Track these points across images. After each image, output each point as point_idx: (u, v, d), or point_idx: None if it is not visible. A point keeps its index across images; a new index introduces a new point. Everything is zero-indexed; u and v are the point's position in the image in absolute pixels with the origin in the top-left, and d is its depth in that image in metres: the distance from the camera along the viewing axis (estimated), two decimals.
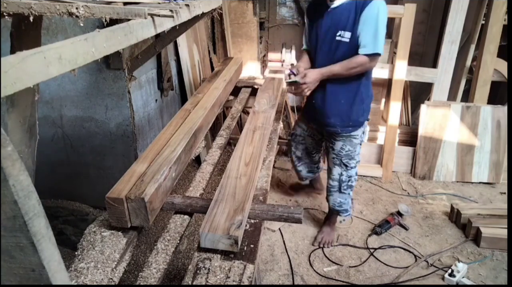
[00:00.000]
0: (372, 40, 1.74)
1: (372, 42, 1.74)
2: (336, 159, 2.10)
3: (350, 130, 2.01)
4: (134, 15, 0.94)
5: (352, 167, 2.11)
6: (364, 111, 2.01)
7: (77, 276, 0.98)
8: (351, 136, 2.03)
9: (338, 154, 2.08)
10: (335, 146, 2.08)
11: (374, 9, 1.71)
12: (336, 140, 2.06)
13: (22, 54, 0.59)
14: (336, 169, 2.13)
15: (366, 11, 1.72)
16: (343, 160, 2.08)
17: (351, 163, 2.10)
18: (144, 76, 2.30)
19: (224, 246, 1.09)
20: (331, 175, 2.17)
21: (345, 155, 2.07)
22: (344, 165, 2.10)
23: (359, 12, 1.73)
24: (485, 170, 3.09)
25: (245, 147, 1.62)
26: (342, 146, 2.05)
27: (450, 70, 3.11)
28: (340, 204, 2.22)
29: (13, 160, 0.58)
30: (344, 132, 2.02)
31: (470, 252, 2.33)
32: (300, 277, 2.13)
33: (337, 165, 2.11)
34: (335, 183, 2.16)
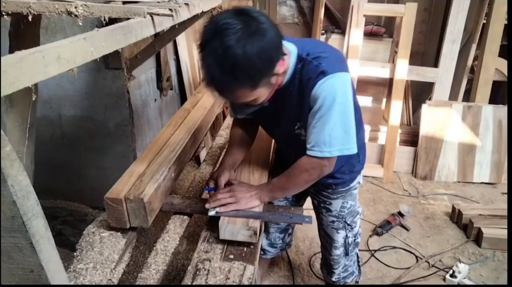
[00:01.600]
0: (329, 139, 1.10)
1: (330, 141, 1.10)
2: (338, 223, 1.51)
3: (348, 183, 1.44)
4: (133, 14, 0.94)
5: (356, 224, 1.55)
6: (359, 159, 1.44)
7: (76, 277, 0.97)
8: (351, 188, 1.46)
9: (340, 216, 1.49)
10: (332, 207, 1.48)
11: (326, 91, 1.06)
12: (332, 199, 1.47)
13: (20, 53, 0.58)
14: (340, 234, 1.53)
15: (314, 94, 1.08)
16: (348, 221, 1.50)
17: (355, 221, 1.53)
18: (143, 75, 2.30)
19: (244, 237, 1.11)
20: (334, 244, 1.56)
21: (349, 213, 1.49)
22: (349, 226, 1.52)
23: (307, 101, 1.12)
24: (486, 170, 3.09)
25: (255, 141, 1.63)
26: (343, 204, 1.47)
27: (452, 70, 3.11)
28: (345, 268, 1.65)
29: (12, 160, 0.57)
30: (341, 187, 1.44)
31: (472, 252, 2.33)
32: (301, 278, 2.13)
33: (340, 229, 1.52)
34: (340, 250, 1.58)
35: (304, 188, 1.25)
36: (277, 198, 1.31)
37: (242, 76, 0.93)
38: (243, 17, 0.92)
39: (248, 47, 0.89)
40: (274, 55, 0.96)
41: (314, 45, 1.15)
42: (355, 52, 3.07)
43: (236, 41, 0.89)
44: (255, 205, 1.22)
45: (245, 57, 0.90)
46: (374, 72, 3.14)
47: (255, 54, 0.91)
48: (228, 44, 0.89)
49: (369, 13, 3.09)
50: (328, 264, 1.67)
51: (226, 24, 0.89)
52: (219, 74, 0.93)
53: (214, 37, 0.91)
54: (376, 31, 3.41)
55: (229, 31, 0.89)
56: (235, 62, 0.90)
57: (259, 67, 0.94)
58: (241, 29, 0.90)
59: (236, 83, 0.95)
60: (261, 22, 0.93)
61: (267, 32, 0.93)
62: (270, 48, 0.94)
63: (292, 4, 4.04)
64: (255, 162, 1.51)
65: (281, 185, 1.24)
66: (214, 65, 0.92)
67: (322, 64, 1.07)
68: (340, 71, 1.07)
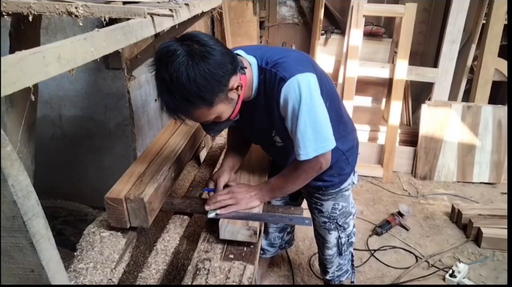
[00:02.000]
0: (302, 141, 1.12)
1: (304, 143, 1.13)
2: (329, 223, 1.53)
3: (337, 185, 1.44)
4: (134, 15, 0.94)
5: (349, 225, 1.57)
6: (348, 162, 1.43)
7: (76, 276, 0.97)
8: (342, 189, 1.46)
9: (331, 217, 1.51)
10: (323, 208, 1.50)
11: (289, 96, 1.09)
12: (323, 200, 1.48)
13: (21, 53, 0.58)
14: (332, 234, 1.56)
15: (281, 102, 1.11)
16: (339, 222, 1.53)
17: (348, 221, 1.55)
18: (143, 75, 2.29)
19: (243, 237, 1.12)
20: (326, 244, 1.59)
21: (340, 214, 1.51)
22: (341, 227, 1.55)
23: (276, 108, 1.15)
24: (486, 170, 3.09)
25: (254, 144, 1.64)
26: (334, 205, 1.48)
27: (451, 70, 3.11)
28: (340, 267, 1.69)
29: (12, 160, 0.57)
30: (332, 189, 1.45)
31: (471, 252, 2.33)
32: (301, 278, 2.13)
33: (332, 230, 1.55)
34: (333, 250, 1.62)
35: (303, 185, 1.27)
36: (277, 197, 1.33)
37: (192, 98, 0.97)
38: (186, 43, 0.97)
39: (190, 70, 0.94)
40: (221, 72, 0.99)
41: (273, 53, 1.17)
42: (354, 52, 3.07)
43: (180, 67, 0.94)
44: (255, 206, 1.23)
45: (190, 80, 0.94)
46: (373, 72, 3.15)
47: (199, 76, 0.95)
48: (172, 71, 0.94)
49: (369, 14, 3.09)
50: (322, 263, 1.71)
51: (169, 53, 0.95)
52: (171, 100, 0.99)
53: (160, 67, 0.97)
54: (376, 31, 3.42)
55: (173, 58, 0.94)
56: (182, 86, 0.95)
57: (206, 87, 0.97)
58: (184, 55, 0.95)
59: (190, 105, 1.00)
60: (203, 45, 0.98)
61: (211, 53, 0.97)
62: (214, 68, 0.97)
63: (292, 4, 4.04)
64: (255, 162, 1.51)
65: (280, 185, 1.26)
66: (165, 92, 0.98)
67: (279, 71, 1.10)
68: (300, 73, 1.09)
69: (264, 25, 4.00)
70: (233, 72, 1.04)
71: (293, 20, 4.07)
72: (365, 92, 3.39)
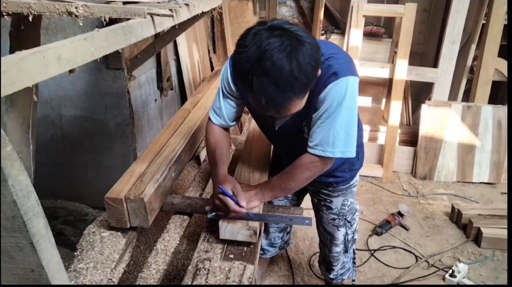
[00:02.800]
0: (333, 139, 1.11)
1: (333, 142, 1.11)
2: (338, 220, 1.53)
3: (348, 180, 1.46)
4: (134, 15, 0.94)
5: (356, 220, 1.58)
6: (358, 157, 1.43)
7: (76, 276, 0.97)
8: (351, 185, 1.49)
9: (341, 213, 1.51)
10: (333, 205, 1.50)
11: (336, 93, 1.07)
12: (333, 197, 1.49)
13: (21, 53, 0.58)
14: (340, 231, 1.56)
15: (324, 95, 1.08)
16: (348, 218, 1.53)
17: (355, 217, 1.57)
18: (143, 75, 2.30)
19: (243, 237, 1.11)
20: (334, 241, 1.59)
21: (349, 210, 1.52)
22: (349, 223, 1.55)
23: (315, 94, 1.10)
24: (486, 170, 3.09)
25: (254, 142, 1.64)
26: (344, 201, 1.49)
27: (451, 70, 3.11)
28: (343, 265, 1.68)
29: (12, 160, 0.57)
30: (342, 185, 1.46)
31: (471, 252, 2.33)
32: (301, 278, 2.13)
33: (341, 226, 1.54)
34: (340, 247, 1.61)
35: (304, 185, 1.25)
36: (278, 197, 1.30)
37: (299, 88, 0.94)
38: (278, 32, 0.91)
39: (300, 58, 0.89)
40: (319, 57, 0.97)
41: (326, 46, 1.15)
42: (354, 52, 3.07)
43: (287, 57, 0.88)
44: (255, 206, 1.21)
45: (300, 69, 0.90)
46: (373, 72, 3.15)
47: (306, 63, 0.91)
48: (281, 63, 0.88)
49: (369, 14, 3.09)
50: (327, 261, 1.68)
51: (269, 45, 0.89)
52: (277, 94, 0.92)
53: (261, 60, 0.89)
54: (376, 31, 3.42)
55: (275, 50, 0.88)
56: (292, 77, 0.90)
57: (311, 74, 0.94)
58: (284, 44, 0.89)
59: (293, 97, 0.95)
60: (295, 31, 0.93)
61: (305, 38, 0.93)
62: (315, 52, 0.94)
63: (292, 4, 4.04)
64: (255, 162, 1.51)
65: (282, 184, 1.23)
66: (271, 86, 0.91)
67: (334, 65, 1.07)
68: (351, 75, 1.08)
69: None
70: None
71: (293, 20, 4.07)
72: (365, 92, 3.39)
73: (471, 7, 3.01)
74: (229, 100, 1.26)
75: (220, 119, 1.29)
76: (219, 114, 1.29)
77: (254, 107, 1.03)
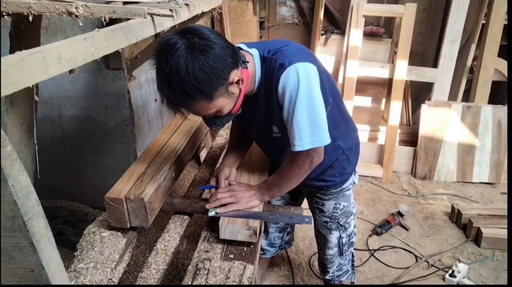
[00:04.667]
0: (298, 131, 1.10)
1: (299, 134, 1.10)
2: (331, 223, 1.52)
3: (339, 184, 1.44)
4: (134, 15, 0.94)
5: (350, 225, 1.56)
6: (349, 161, 1.42)
7: (77, 276, 0.97)
8: (344, 189, 1.46)
9: (333, 217, 1.50)
10: (325, 208, 1.49)
11: (287, 83, 1.07)
12: (324, 200, 1.48)
13: (21, 53, 0.59)
14: (333, 234, 1.55)
15: (279, 89, 1.09)
16: (341, 221, 1.51)
17: (349, 221, 1.54)
18: (143, 75, 2.29)
19: (243, 237, 1.12)
20: (327, 244, 1.58)
21: (342, 214, 1.50)
22: (342, 226, 1.54)
23: (275, 96, 1.12)
24: (486, 170, 3.09)
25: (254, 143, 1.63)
26: (336, 205, 1.48)
27: (451, 70, 3.11)
28: (340, 266, 1.67)
29: (12, 160, 0.57)
30: (333, 189, 1.44)
31: (471, 252, 2.33)
32: (300, 278, 2.13)
33: (333, 230, 1.54)
34: (334, 250, 1.60)
35: (299, 182, 1.26)
36: (276, 196, 1.31)
37: (191, 91, 0.98)
38: (186, 36, 0.97)
39: (190, 63, 0.95)
40: (220, 66, 0.99)
41: (275, 43, 1.17)
42: (354, 52, 3.07)
43: (179, 60, 0.94)
44: (255, 205, 1.23)
45: (189, 74, 0.95)
46: (373, 73, 3.15)
47: (198, 69, 0.95)
48: (172, 64, 0.95)
49: (369, 14, 3.09)
50: (322, 263, 1.69)
51: (169, 45, 0.95)
52: (171, 93, 0.99)
53: (161, 60, 0.97)
54: (376, 31, 3.42)
55: (173, 51, 0.95)
56: (181, 79, 0.95)
57: (205, 80, 0.97)
58: (184, 48, 0.95)
59: (189, 98, 1.00)
60: (204, 38, 0.98)
61: (211, 46, 0.97)
62: (213, 61, 0.97)
63: (292, 4, 4.04)
64: (255, 162, 1.51)
65: (276, 183, 1.26)
66: (165, 85, 0.99)
67: (280, 58, 1.09)
68: (299, 61, 1.07)
69: (264, 25, 4.00)
70: (234, 66, 1.03)
71: (293, 20, 4.07)
72: (365, 92, 3.39)
73: (471, 7, 3.01)
74: None
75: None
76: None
77: None
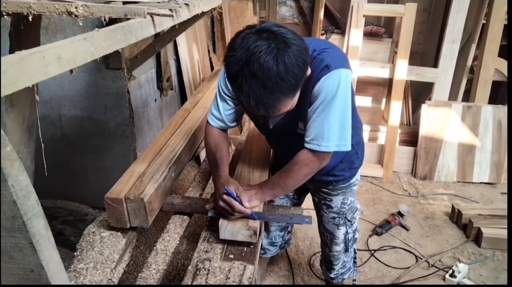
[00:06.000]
0: (327, 133, 1.12)
1: (328, 136, 1.12)
2: (338, 219, 1.54)
3: (348, 179, 1.47)
4: (134, 15, 0.94)
5: (356, 219, 1.59)
6: (358, 156, 1.46)
7: (76, 276, 0.97)
8: (351, 184, 1.49)
9: (340, 212, 1.52)
10: (333, 203, 1.51)
11: (329, 85, 1.08)
12: (333, 195, 1.50)
13: (21, 53, 0.58)
14: (341, 230, 1.57)
15: (317, 88, 1.10)
16: (348, 217, 1.54)
17: (355, 216, 1.57)
18: (143, 75, 2.30)
19: (243, 237, 1.11)
20: (334, 240, 1.59)
21: (349, 209, 1.53)
22: (349, 222, 1.56)
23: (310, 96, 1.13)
24: (486, 170, 3.09)
25: (254, 142, 1.64)
26: (344, 200, 1.50)
27: (451, 70, 3.11)
28: (344, 264, 1.69)
29: (12, 160, 0.57)
30: (342, 183, 1.47)
31: (471, 252, 2.33)
32: (301, 278, 2.13)
33: (341, 225, 1.56)
34: (341, 246, 1.61)
35: (303, 182, 1.25)
36: (278, 195, 1.31)
37: (287, 89, 0.96)
38: (265, 35, 0.94)
39: (286, 59, 0.92)
40: (307, 58, 0.98)
41: (319, 42, 1.17)
42: (355, 52, 3.07)
43: (273, 59, 0.91)
44: (255, 205, 1.21)
45: (287, 70, 0.92)
46: (373, 72, 3.15)
47: (293, 64, 0.93)
48: (268, 65, 0.91)
49: (369, 14, 3.09)
50: (328, 260, 1.69)
51: (256, 47, 0.91)
52: (266, 95, 0.95)
53: (249, 63, 0.92)
54: (376, 31, 3.42)
55: (262, 52, 0.91)
56: (279, 78, 0.92)
57: (299, 75, 0.96)
58: (271, 46, 0.92)
59: (282, 97, 0.97)
60: (282, 33, 0.95)
61: (292, 40, 0.95)
62: (301, 53, 0.96)
63: (292, 4, 4.04)
64: (255, 162, 1.51)
65: (281, 182, 1.24)
66: (259, 87, 0.93)
67: (326, 59, 1.09)
68: (344, 68, 1.10)
69: None
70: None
71: (293, 20, 4.07)
72: (365, 92, 3.39)
73: (471, 7, 3.01)
74: (227, 101, 1.28)
75: (219, 121, 1.31)
76: (217, 116, 1.30)
77: (246, 107, 1.03)
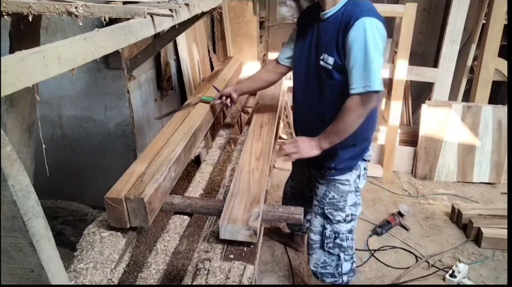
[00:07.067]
0: (362, 74, 1.27)
1: (362, 77, 1.27)
2: (317, 207, 1.64)
3: (333, 173, 1.56)
4: (134, 15, 0.94)
5: (338, 221, 1.61)
6: (356, 155, 1.55)
7: (76, 276, 0.97)
8: (336, 181, 1.57)
9: (321, 201, 1.62)
10: (318, 191, 1.64)
11: (359, 32, 1.26)
12: (319, 183, 1.62)
13: (21, 53, 0.58)
14: (317, 219, 1.66)
15: (351, 35, 1.28)
16: (326, 210, 1.60)
17: (336, 215, 1.60)
18: (143, 75, 2.30)
19: (243, 237, 1.12)
20: (311, 227, 1.70)
21: (328, 203, 1.60)
22: (326, 216, 1.62)
23: (342, 36, 1.32)
24: (486, 170, 3.09)
25: (254, 143, 1.64)
26: (325, 191, 1.59)
27: (451, 70, 3.11)
28: (324, 265, 1.70)
29: (12, 160, 0.57)
30: (328, 175, 1.57)
31: (471, 252, 2.33)
32: (300, 278, 2.13)
33: (318, 215, 1.65)
34: (317, 237, 1.68)
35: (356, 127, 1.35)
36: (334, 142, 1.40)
37: None
38: None
39: None
40: None
41: None
42: None
43: None
44: (315, 154, 1.39)
45: None
46: None
47: None
48: None
49: None
50: (308, 245, 1.76)
51: None
52: None
53: None
54: None
55: None
56: None
57: None
58: None
59: None
60: None
61: None
62: None
63: (292, 4, 4.05)
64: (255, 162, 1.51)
65: (334, 129, 1.36)
66: None
67: (364, 7, 1.30)
68: (375, 17, 1.28)
69: (264, 25, 4.00)
70: None
71: (293, 20, 4.07)
72: None
73: (471, 7, 3.01)
74: (288, 44, 1.62)
75: (279, 54, 1.68)
76: (280, 53, 1.68)
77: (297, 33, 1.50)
